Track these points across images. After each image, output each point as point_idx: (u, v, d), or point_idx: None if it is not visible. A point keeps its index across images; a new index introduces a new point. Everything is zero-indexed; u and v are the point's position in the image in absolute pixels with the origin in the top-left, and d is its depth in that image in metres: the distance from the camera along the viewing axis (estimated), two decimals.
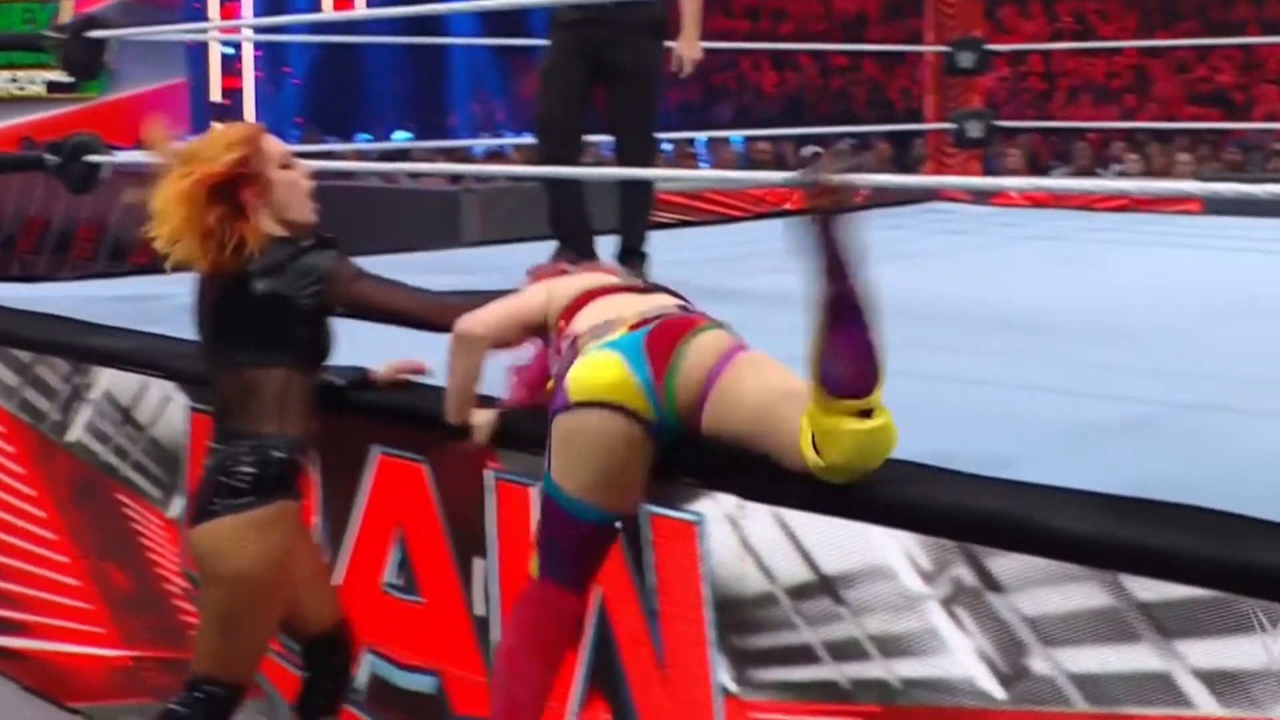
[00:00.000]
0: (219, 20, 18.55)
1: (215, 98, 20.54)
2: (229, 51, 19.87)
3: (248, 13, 19.72)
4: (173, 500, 4.04)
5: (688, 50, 5.12)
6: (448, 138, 17.79)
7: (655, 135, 5.22)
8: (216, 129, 2.99)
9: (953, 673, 2.53)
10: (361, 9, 17.08)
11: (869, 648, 2.63)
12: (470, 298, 3.01)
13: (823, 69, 18.61)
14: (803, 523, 2.69)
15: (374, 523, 3.51)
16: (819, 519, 2.67)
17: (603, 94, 5.08)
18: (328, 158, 7.30)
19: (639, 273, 4.83)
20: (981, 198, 8.21)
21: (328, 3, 20.26)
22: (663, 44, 5.13)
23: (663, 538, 2.91)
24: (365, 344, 3.32)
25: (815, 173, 2.47)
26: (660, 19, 5.07)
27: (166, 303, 5.03)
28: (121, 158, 5.82)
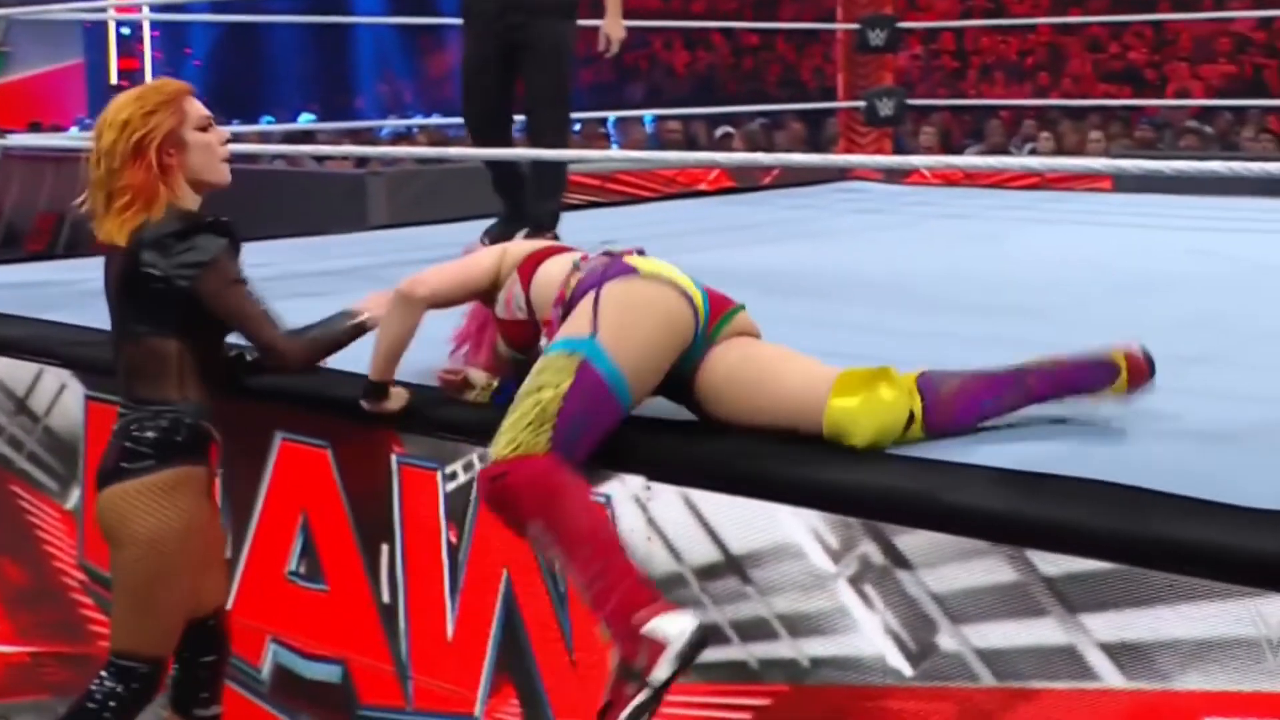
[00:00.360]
0: None
1: (113, 80, 20.32)
2: (127, 32, 19.64)
3: None
4: (70, 492, 4.00)
5: (614, 30, 5.24)
6: (354, 119, 17.68)
7: (569, 115, 5.31)
8: (144, 86, 3.02)
9: (861, 651, 2.56)
10: None
11: (777, 627, 2.65)
12: (324, 335, 3.02)
13: (735, 48, 18.65)
14: (710, 502, 2.72)
15: (277, 509, 3.49)
16: (726, 499, 2.69)
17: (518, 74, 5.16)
18: (231, 140, 7.22)
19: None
20: (893, 176, 8.28)
21: None
22: (575, 24, 5.20)
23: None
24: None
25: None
26: (571, 1, 5.15)
27: (61, 289, 4.97)
28: (13, 140, 5.74)
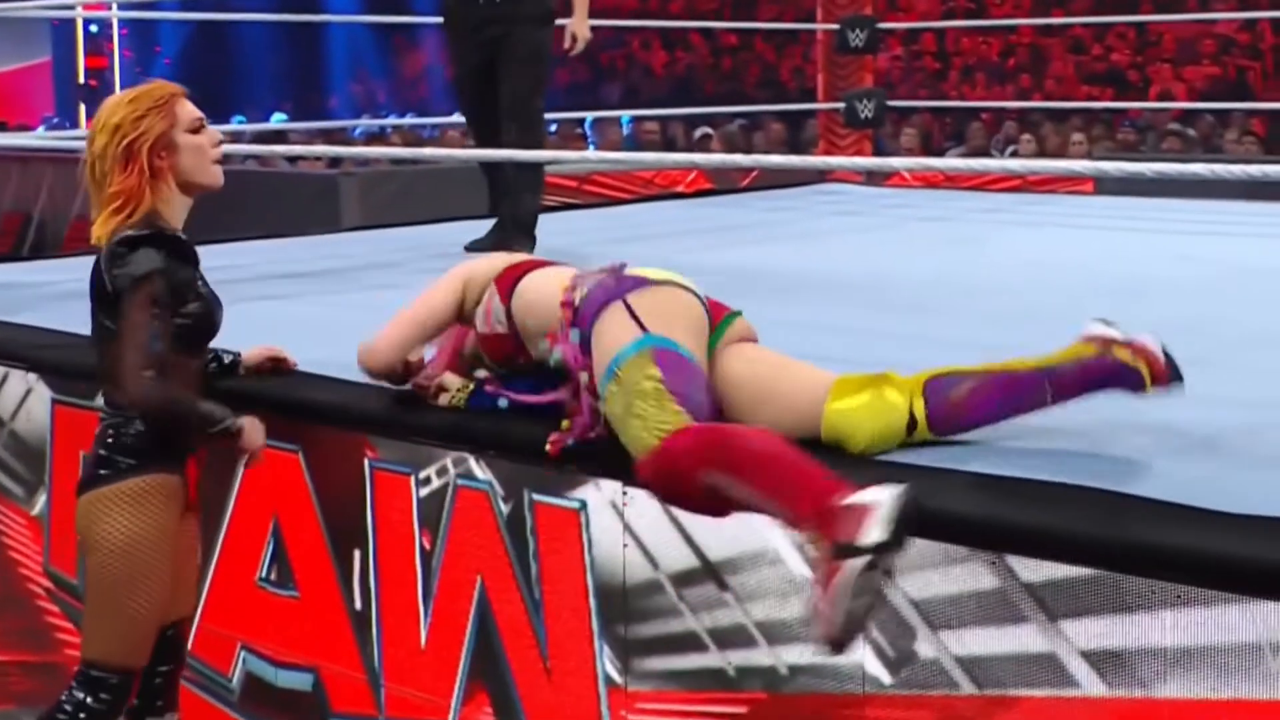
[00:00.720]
0: None
1: (81, 79, 20.26)
2: (95, 29, 19.58)
3: None
4: (36, 497, 3.98)
5: (580, 29, 5.49)
6: (327, 119, 17.65)
7: (543, 118, 5.53)
8: (137, 89, 3.02)
9: (840, 659, 2.56)
10: None
11: (755, 634, 2.66)
12: (187, 401, 2.94)
13: (714, 48, 18.68)
14: None
15: (247, 515, 3.48)
16: None
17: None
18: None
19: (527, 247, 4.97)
20: (874, 179, 8.30)
21: None
22: (552, 30, 5.40)
23: (545, 526, 2.92)
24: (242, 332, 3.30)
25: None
26: (548, 8, 5.40)
27: (27, 291, 4.96)
28: None
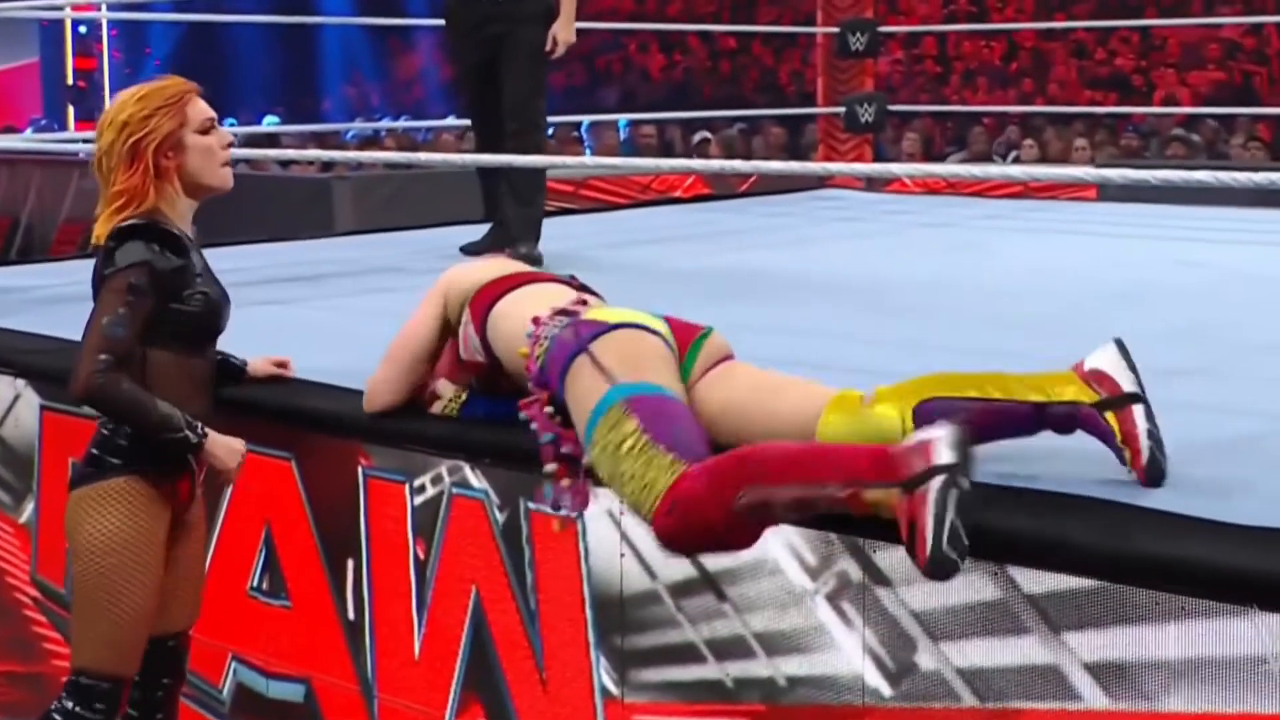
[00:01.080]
0: None
1: (70, 80, 20.25)
2: (84, 30, 19.57)
3: None
4: (24, 505, 3.98)
5: (564, 33, 5.50)
6: (320, 122, 17.65)
7: (545, 118, 5.57)
8: (148, 85, 2.98)
9: (839, 670, 2.57)
10: None
11: (754, 645, 2.66)
12: (142, 403, 2.85)
13: (712, 51, 18.70)
14: None
15: (239, 523, 3.49)
16: None
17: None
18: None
19: (529, 258, 4.94)
20: (874, 184, 8.31)
21: None
22: (550, 29, 5.42)
23: (542, 535, 2.93)
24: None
25: None
26: (549, 6, 5.45)
27: (15, 295, 4.96)
28: None
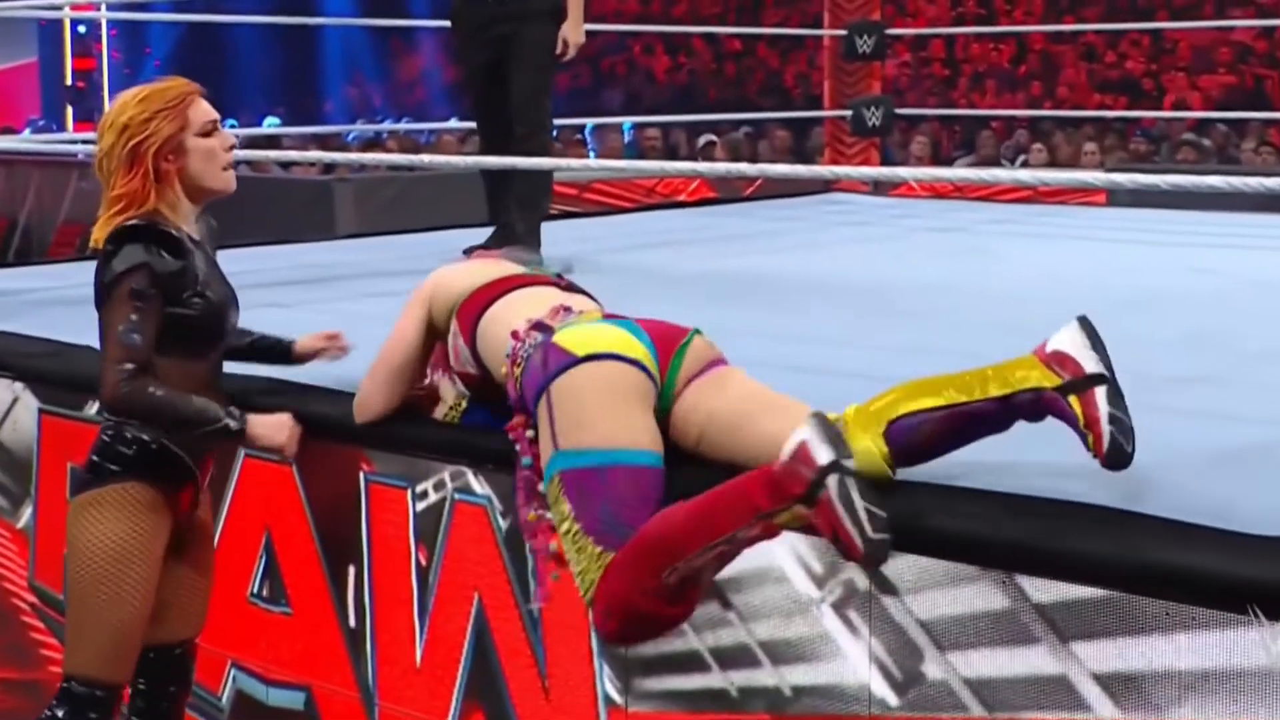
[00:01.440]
0: None
1: (68, 80, 20.27)
2: (83, 30, 19.59)
3: None
4: (22, 510, 3.98)
5: (574, 34, 5.48)
6: (321, 123, 17.66)
7: (551, 119, 5.54)
8: (150, 87, 2.96)
9: (845, 679, 2.57)
10: None
11: (759, 654, 2.66)
12: (172, 402, 2.87)
13: (717, 53, 18.71)
14: None
15: (239, 529, 3.49)
16: None
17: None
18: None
19: (533, 260, 4.92)
20: (880, 188, 8.31)
21: None
22: (559, 28, 5.42)
23: (545, 541, 2.92)
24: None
25: None
26: (556, 5, 5.43)
27: (12, 298, 4.97)
28: None
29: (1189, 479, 2.69)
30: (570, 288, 3.04)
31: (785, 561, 2.63)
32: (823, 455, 2.36)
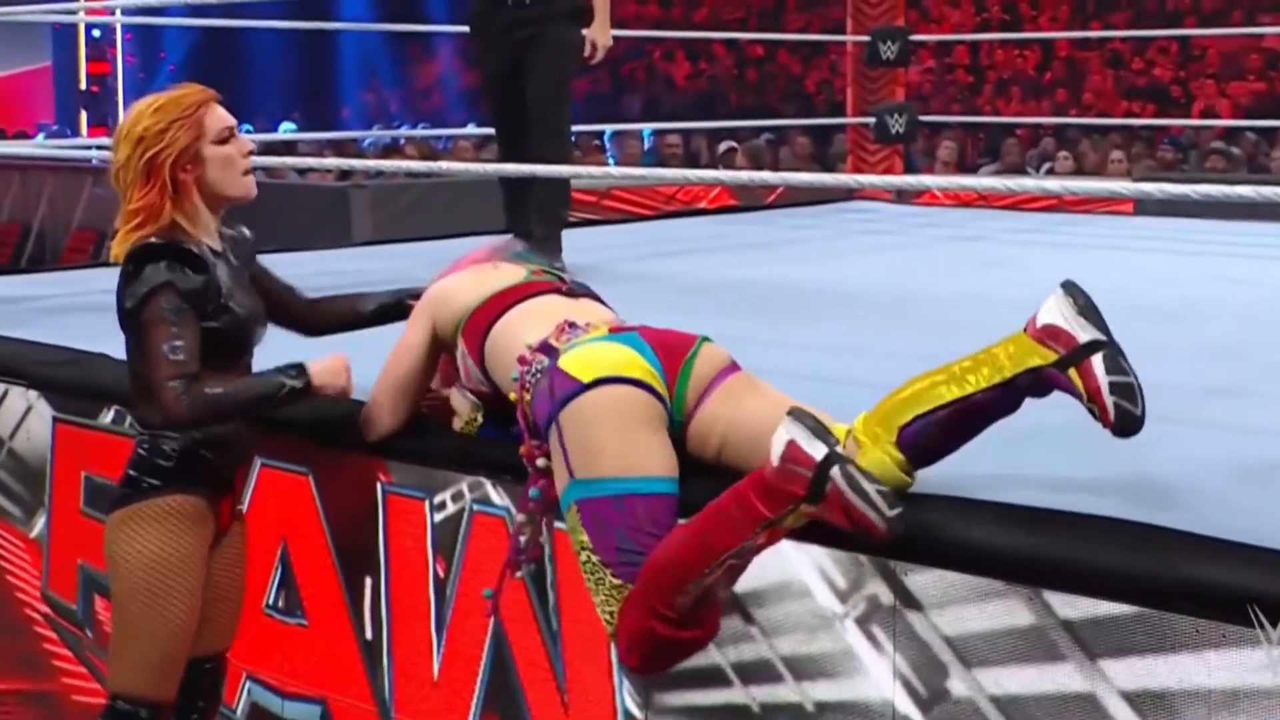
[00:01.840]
0: (88, 1, 18.32)
1: (82, 84, 20.35)
2: (98, 34, 19.67)
3: None
4: (35, 519, 4.00)
5: (601, 36, 5.46)
6: (337, 129, 17.70)
7: (569, 124, 5.51)
8: (163, 97, 2.94)
9: (869, 696, 2.57)
10: None
11: (781, 669, 2.66)
12: (235, 393, 2.88)
13: (739, 59, 18.72)
14: None
15: (254, 539, 3.48)
16: None
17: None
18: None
19: (554, 266, 4.89)
20: (904, 196, 8.30)
21: None
22: (580, 29, 5.41)
23: (566, 554, 2.92)
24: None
25: None
26: (578, 6, 5.39)
27: (26, 305, 4.98)
28: None
29: (1219, 493, 2.68)
30: (573, 291, 3.03)
31: (808, 575, 2.62)
32: (816, 450, 2.41)
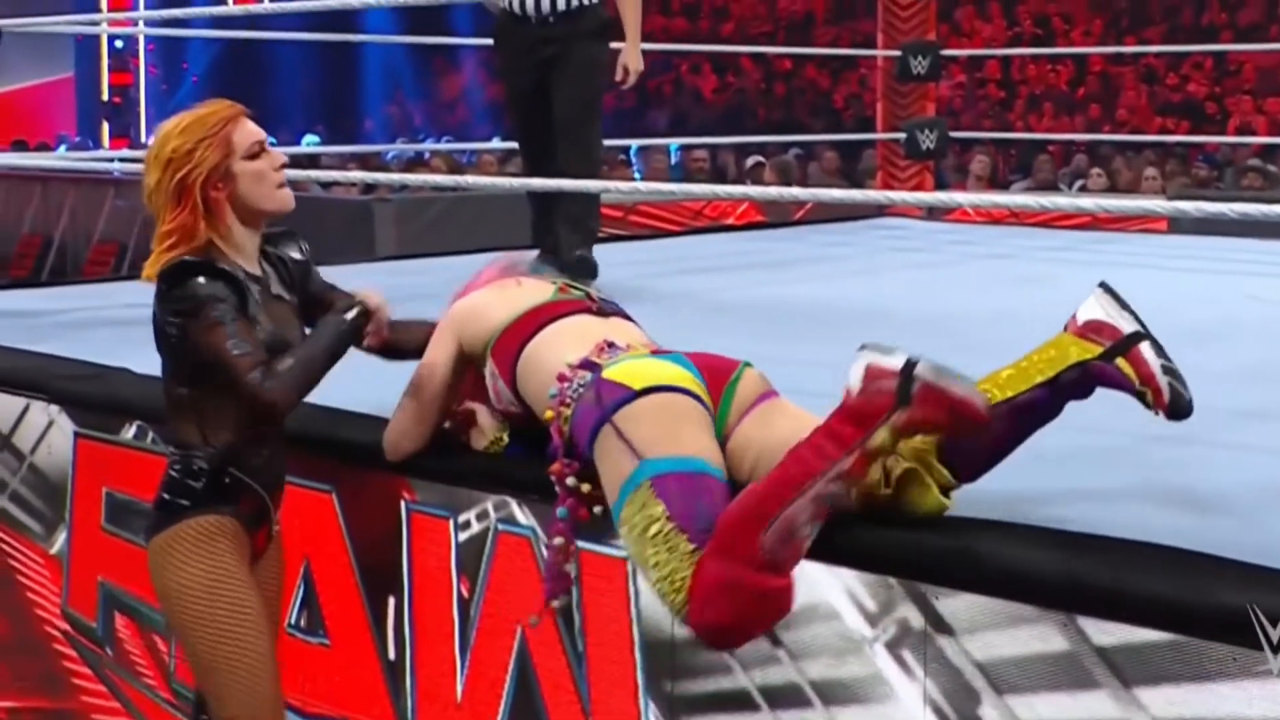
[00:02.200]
0: (111, 12, 18.46)
1: (105, 95, 20.46)
2: (120, 45, 19.79)
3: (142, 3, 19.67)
4: (56, 535, 4.01)
5: (633, 61, 5.46)
6: (361, 142, 17.75)
7: (600, 141, 5.49)
8: (190, 116, 2.92)
9: (900, 717, 2.56)
10: (267, 3, 17.04)
11: (810, 694, 2.65)
12: (306, 356, 2.86)
13: (766, 73, 18.73)
14: None
15: None
16: None
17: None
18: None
19: (584, 285, 4.86)
20: (934, 213, 8.29)
21: None
22: (608, 46, 5.36)
23: (591, 575, 2.92)
24: None
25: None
26: (604, 21, 5.36)
27: (48, 319, 5.00)
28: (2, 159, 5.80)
29: (1256, 517, 2.67)
30: (603, 310, 3.04)
31: (836, 598, 2.62)
32: (896, 361, 2.53)
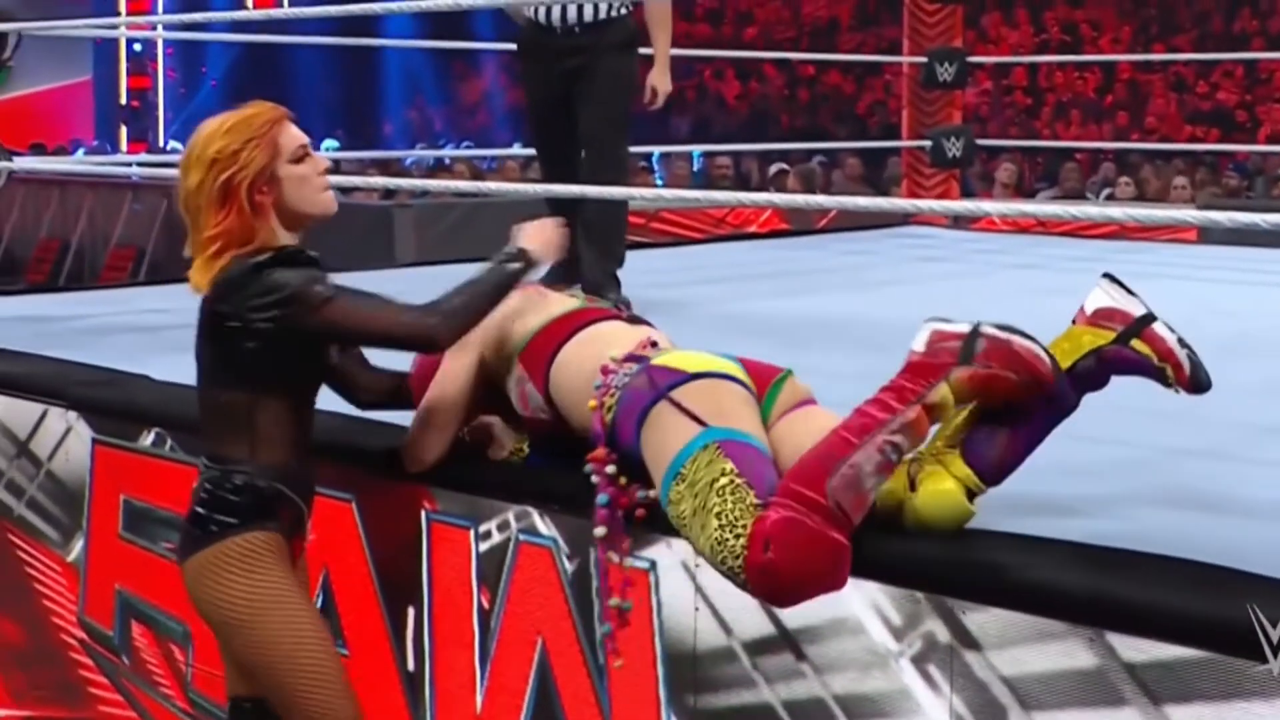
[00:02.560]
0: (129, 15, 18.52)
1: (123, 99, 20.54)
2: (139, 48, 19.86)
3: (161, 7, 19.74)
4: (73, 542, 4.02)
5: (661, 83, 5.47)
6: (381, 148, 17.80)
7: (627, 156, 5.46)
8: (234, 117, 2.91)
9: None
10: (287, 7, 17.08)
11: (834, 709, 2.65)
12: (471, 297, 2.88)
13: (790, 79, 18.74)
14: None
15: None
16: None
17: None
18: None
19: (614, 299, 4.81)
20: (960, 222, 8.28)
21: None
22: (636, 57, 5.33)
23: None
24: None
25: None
26: (632, 32, 5.31)
27: (65, 324, 5.02)
28: (20, 163, 5.81)
29: None
30: (633, 319, 3.06)
31: (862, 611, 2.61)
32: (962, 326, 2.62)
